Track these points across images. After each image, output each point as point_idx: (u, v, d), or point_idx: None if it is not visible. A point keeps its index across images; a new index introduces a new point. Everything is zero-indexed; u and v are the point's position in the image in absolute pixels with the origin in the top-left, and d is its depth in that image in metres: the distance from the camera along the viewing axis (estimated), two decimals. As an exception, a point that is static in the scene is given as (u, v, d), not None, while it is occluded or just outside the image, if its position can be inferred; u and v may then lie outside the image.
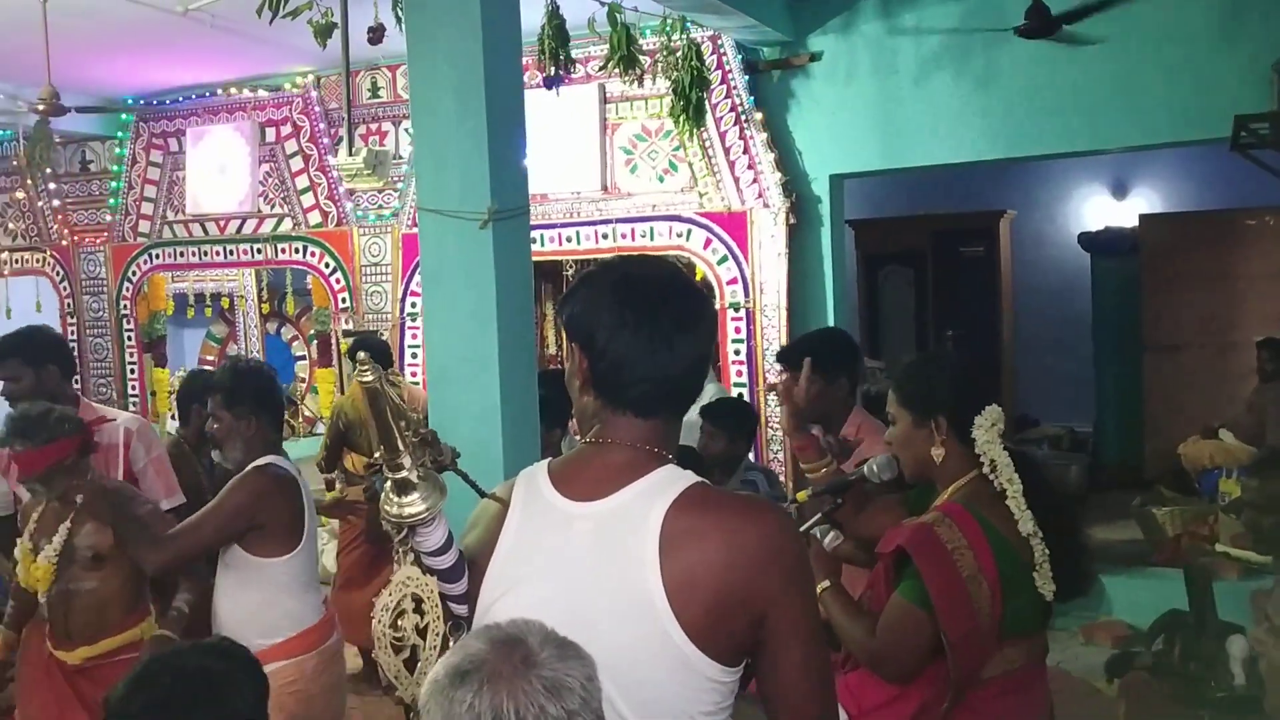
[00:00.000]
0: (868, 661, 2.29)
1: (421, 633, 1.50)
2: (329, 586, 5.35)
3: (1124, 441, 8.55)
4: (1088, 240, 9.07)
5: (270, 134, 7.51)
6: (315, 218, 7.40)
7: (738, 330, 6.23)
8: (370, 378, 1.39)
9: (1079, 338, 9.17)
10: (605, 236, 6.52)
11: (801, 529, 2.54)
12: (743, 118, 6.14)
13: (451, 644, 1.56)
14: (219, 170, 7.64)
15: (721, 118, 6.17)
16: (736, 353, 6.24)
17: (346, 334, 7.26)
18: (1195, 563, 5.64)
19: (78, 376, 7.11)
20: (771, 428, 6.15)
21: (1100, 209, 9.65)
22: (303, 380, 11.68)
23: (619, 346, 1.54)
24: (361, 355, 1.43)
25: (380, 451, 1.48)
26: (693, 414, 5.75)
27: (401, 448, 1.47)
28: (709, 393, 4.51)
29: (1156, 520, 6.24)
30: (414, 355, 6.97)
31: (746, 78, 6.14)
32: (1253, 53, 5.25)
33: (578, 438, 2.14)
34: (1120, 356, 8.57)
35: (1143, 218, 8.70)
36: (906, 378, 2.47)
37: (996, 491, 2.29)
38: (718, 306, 6.22)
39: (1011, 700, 2.29)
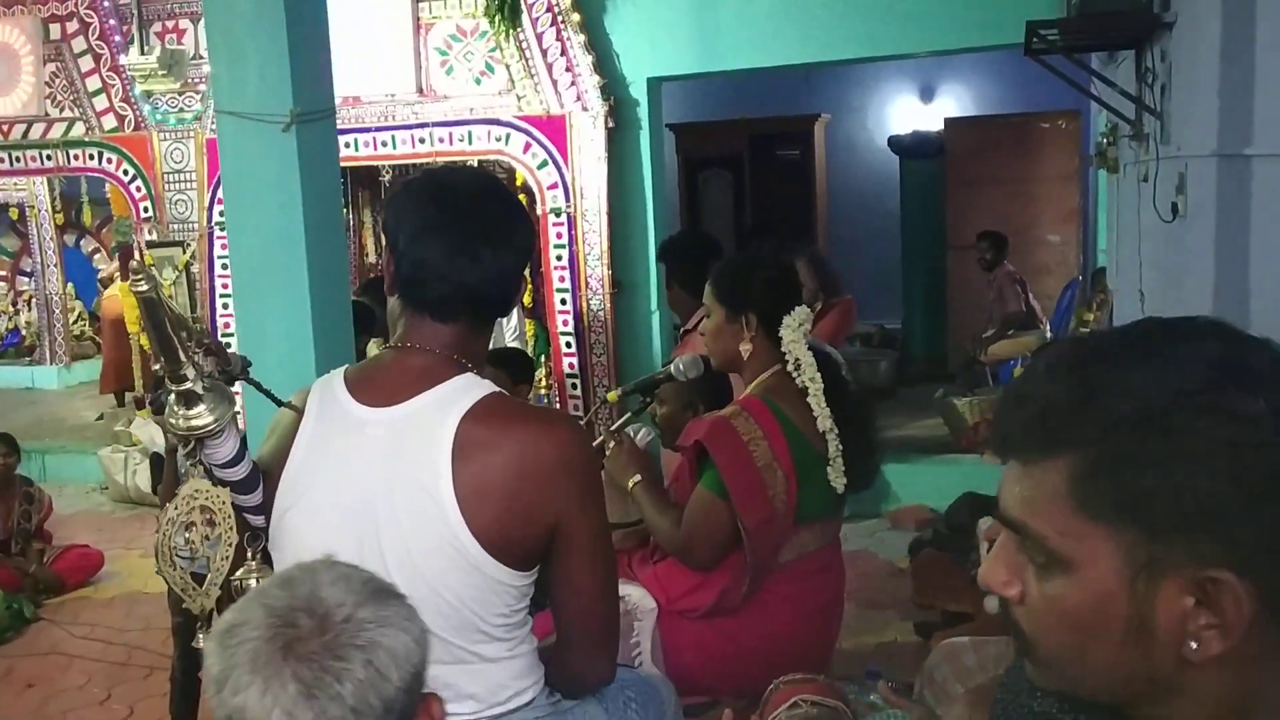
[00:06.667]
0: (674, 551, 2.39)
1: (213, 545, 1.49)
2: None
3: (929, 337, 8.95)
4: (896, 143, 9.32)
5: (55, 31, 6.98)
6: (110, 121, 6.94)
7: (559, 236, 6.20)
8: (145, 287, 1.34)
9: (889, 238, 9.47)
10: (422, 141, 6.36)
11: (613, 427, 2.61)
12: (559, 18, 6.03)
13: (250, 555, 1.56)
14: (-4, 70, 7.08)
15: (538, 18, 6.05)
16: (559, 258, 6.22)
17: (151, 244, 6.90)
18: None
19: None
20: (595, 332, 6.20)
21: (908, 113, 9.94)
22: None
23: (419, 248, 1.55)
24: (134, 264, 1.38)
25: (161, 363, 1.45)
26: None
27: (184, 359, 1.43)
28: None
29: (957, 410, 6.61)
30: (224, 266, 6.69)
31: (562, -24, 6.04)
32: (1045, -39, 5.46)
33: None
34: (926, 255, 8.89)
35: (947, 121, 9.01)
36: (723, 274, 2.55)
37: (798, 387, 2.40)
38: (539, 212, 6.18)
39: (807, 581, 2.43)
